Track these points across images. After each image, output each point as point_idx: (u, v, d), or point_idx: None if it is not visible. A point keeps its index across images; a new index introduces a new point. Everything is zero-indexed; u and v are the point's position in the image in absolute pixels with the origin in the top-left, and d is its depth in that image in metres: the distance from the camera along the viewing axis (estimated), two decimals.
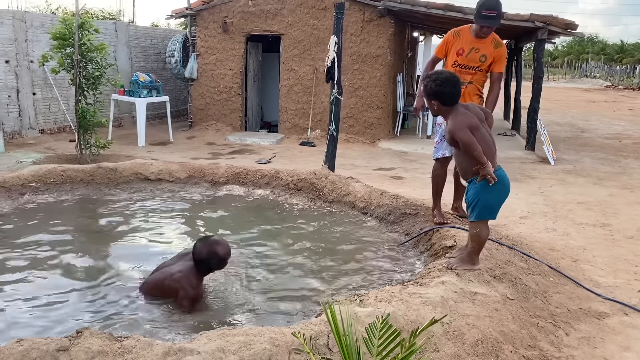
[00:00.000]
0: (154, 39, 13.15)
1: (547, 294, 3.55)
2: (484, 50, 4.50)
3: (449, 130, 3.39)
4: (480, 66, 4.56)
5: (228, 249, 3.46)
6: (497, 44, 4.53)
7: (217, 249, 3.37)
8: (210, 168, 6.65)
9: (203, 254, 3.35)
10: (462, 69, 4.56)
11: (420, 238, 4.51)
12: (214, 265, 3.42)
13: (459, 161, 3.55)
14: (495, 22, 4.31)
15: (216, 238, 3.51)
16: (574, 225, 5.54)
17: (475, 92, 4.72)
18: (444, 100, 3.43)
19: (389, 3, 9.91)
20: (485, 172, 3.31)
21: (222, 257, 3.39)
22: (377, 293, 3.02)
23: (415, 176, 7.91)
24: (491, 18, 4.28)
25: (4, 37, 8.90)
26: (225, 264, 3.49)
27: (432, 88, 3.43)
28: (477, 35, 4.45)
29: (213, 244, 3.39)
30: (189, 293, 3.29)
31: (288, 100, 11.10)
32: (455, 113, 3.43)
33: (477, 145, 3.29)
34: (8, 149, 8.44)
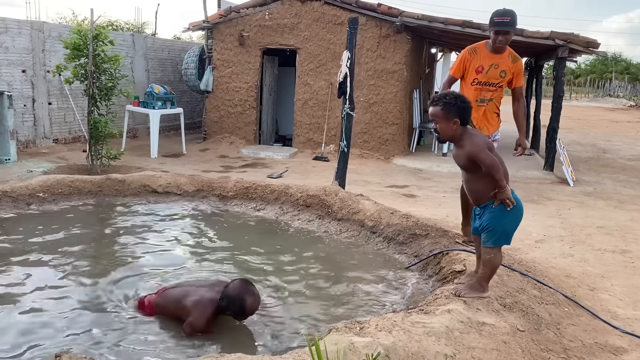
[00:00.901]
0: (171, 51, 13.23)
1: (560, 325, 3.35)
2: (503, 66, 4.40)
3: (469, 152, 3.18)
4: (501, 82, 4.46)
5: (257, 305, 3.20)
6: (514, 58, 4.43)
7: (246, 298, 3.11)
8: (219, 182, 6.56)
9: (231, 293, 3.13)
10: (483, 87, 4.46)
11: (429, 261, 4.34)
12: (233, 310, 3.15)
13: (474, 187, 3.33)
14: (508, 27, 4.21)
15: (253, 288, 3.23)
16: (592, 250, 5.31)
17: (494, 109, 4.62)
18: (465, 119, 3.25)
19: (406, 19, 9.80)
20: (504, 196, 3.14)
21: (246, 308, 3.12)
22: (378, 321, 2.86)
23: (429, 195, 7.72)
24: (504, 24, 4.20)
25: (22, 47, 8.99)
26: (245, 318, 3.23)
27: (457, 105, 3.19)
28: (494, 50, 4.35)
29: (246, 291, 3.14)
30: (198, 324, 3.13)
31: (303, 114, 11.02)
32: (469, 133, 3.26)
33: (500, 168, 3.13)
34: (21, 157, 8.46)
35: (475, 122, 4.45)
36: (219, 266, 4.33)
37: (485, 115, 4.55)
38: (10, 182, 6.48)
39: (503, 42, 4.27)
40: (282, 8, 10.74)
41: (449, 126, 3.21)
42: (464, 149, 3.22)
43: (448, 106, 3.20)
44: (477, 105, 4.46)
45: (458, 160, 3.33)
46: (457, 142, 3.27)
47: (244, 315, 3.20)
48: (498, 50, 4.36)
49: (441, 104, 3.23)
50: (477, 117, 4.49)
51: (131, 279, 3.93)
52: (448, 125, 3.20)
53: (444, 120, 3.21)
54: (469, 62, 4.46)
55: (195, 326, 3.12)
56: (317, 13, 10.51)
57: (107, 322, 3.26)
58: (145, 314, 3.37)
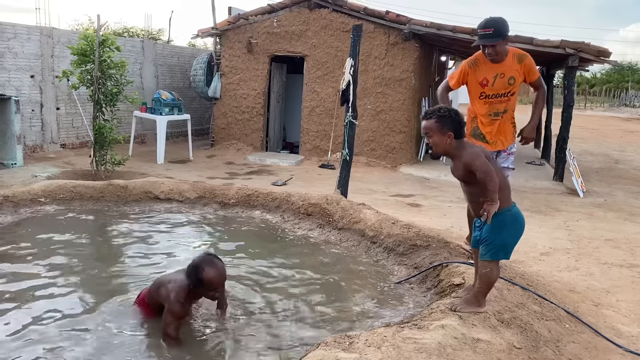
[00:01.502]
0: (181, 57, 13.28)
1: (560, 343, 3.23)
2: (509, 72, 4.14)
3: (465, 162, 3.09)
4: (512, 90, 4.21)
5: (216, 276, 3.09)
6: (520, 58, 4.15)
7: (204, 267, 3.05)
8: (221, 189, 6.52)
9: (191, 263, 3.11)
10: (493, 99, 4.21)
11: (429, 273, 4.24)
12: (192, 280, 3.06)
13: (474, 199, 3.23)
14: (490, 40, 3.95)
15: (216, 260, 3.17)
16: (599, 264, 5.17)
17: (510, 120, 4.38)
18: (459, 132, 3.16)
19: (414, 27, 9.74)
20: (490, 209, 3.04)
21: (204, 277, 3.03)
22: (368, 336, 2.77)
23: (434, 204, 7.62)
24: (487, 36, 3.97)
25: (31, 53, 9.06)
26: (214, 292, 3.16)
27: (451, 117, 3.10)
28: (495, 61, 4.12)
29: (205, 261, 3.10)
30: (174, 307, 3.05)
31: (310, 121, 10.98)
32: (466, 145, 3.17)
33: (495, 178, 3.03)
34: (27, 162, 8.51)
35: (489, 136, 4.28)
36: None
37: (500, 128, 4.30)
38: (14, 186, 6.49)
39: (492, 55, 4.04)
40: (290, 15, 10.73)
41: (442, 140, 3.12)
42: (460, 160, 3.13)
43: (442, 119, 3.11)
44: (490, 120, 4.25)
45: (456, 173, 3.23)
46: (453, 155, 3.17)
47: (204, 287, 3.08)
48: (497, 61, 4.12)
49: (435, 117, 3.14)
50: (491, 131, 4.28)
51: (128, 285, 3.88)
52: (442, 138, 3.12)
53: (437, 134, 3.12)
54: (469, 76, 4.24)
55: (172, 311, 3.06)
56: (325, 20, 10.49)
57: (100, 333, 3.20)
58: (144, 312, 3.33)
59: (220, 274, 3.14)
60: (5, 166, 8.06)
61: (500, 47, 4.01)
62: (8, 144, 8.09)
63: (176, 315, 3.08)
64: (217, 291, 3.18)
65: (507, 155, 4.41)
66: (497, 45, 3.97)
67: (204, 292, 3.15)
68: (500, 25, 3.96)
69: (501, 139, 4.34)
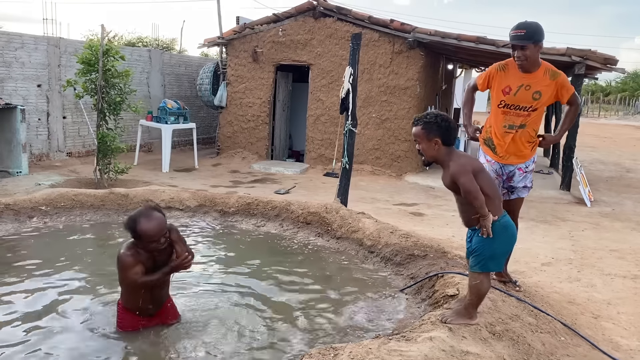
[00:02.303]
0: (188, 66, 13.36)
1: (553, 356, 3.15)
2: (536, 86, 3.75)
3: (452, 172, 3.04)
4: (535, 105, 3.79)
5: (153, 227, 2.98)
6: (553, 75, 3.78)
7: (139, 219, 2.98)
8: (221, 197, 6.51)
9: (126, 221, 3.06)
10: (511, 110, 3.84)
11: (424, 283, 4.18)
12: (128, 230, 3.01)
13: (464, 208, 3.17)
14: (523, 40, 3.62)
15: (149, 210, 3.09)
16: (602, 275, 5.06)
17: (528, 138, 3.91)
18: (448, 139, 3.09)
19: (418, 35, 9.71)
20: (483, 224, 2.99)
21: (137, 227, 2.97)
22: (352, 348, 2.72)
23: (438, 213, 7.54)
24: (518, 37, 3.64)
25: (38, 62, 9.17)
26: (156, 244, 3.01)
27: (437, 123, 3.03)
28: (523, 68, 3.76)
29: (141, 213, 3.04)
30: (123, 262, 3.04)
31: (315, 130, 10.97)
32: (456, 154, 3.10)
33: (480, 195, 2.95)
34: (33, 170, 8.57)
35: (499, 149, 3.93)
36: (205, 279, 4.26)
37: (514, 143, 3.89)
38: (16, 195, 6.54)
39: (522, 59, 3.69)
40: (295, 24, 10.76)
41: (430, 146, 3.06)
42: (449, 170, 3.08)
43: (428, 125, 3.05)
44: (504, 132, 3.89)
45: (444, 181, 3.18)
46: (443, 163, 3.11)
47: (142, 240, 3.00)
48: (527, 68, 3.75)
49: (421, 123, 3.09)
50: (503, 144, 3.90)
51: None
52: (429, 145, 3.06)
53: (425, 140, 3.06)
54: (494, 80, 3.90)
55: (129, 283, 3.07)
56: (330, 29, 10.50)
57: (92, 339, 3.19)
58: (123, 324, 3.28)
59: (156, 225, 3.01)
60: (11, 174, 8.14)
61: (531, 52, 3.66)
62: (14, 153, 8.17)
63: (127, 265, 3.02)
64: (159, 243, 3.04)
65: (524, 174, 4.00)
66: (527, 48, 3.64)
67: (146, 246, 3.04)
68: (534, 29, 3.66)
69: (514, 154, 3.93)
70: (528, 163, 3.98)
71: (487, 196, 3.01)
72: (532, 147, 3.95)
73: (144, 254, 3.09)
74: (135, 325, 3.25)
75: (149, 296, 3.20)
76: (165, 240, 3.08)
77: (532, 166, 4.04)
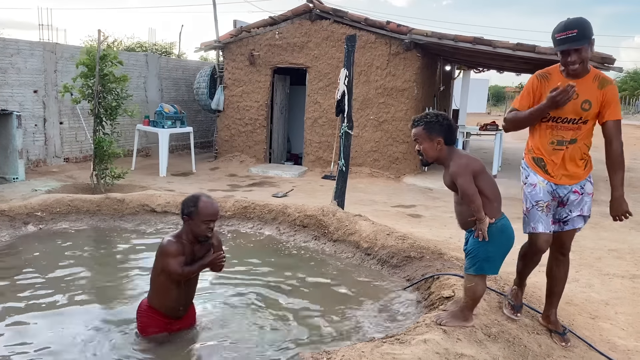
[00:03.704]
0: (185, 70, 13.36)
1: (550, 357, 3.12)
2: (586, 94, 3.16)
3: (452, 172, 3.01)
4: (585, 117, 3.20)
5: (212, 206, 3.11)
6: (602, 83, 3.17)
7: (200, 198, 3.11)
8: (217, 201, 6.47)
9: (186, 199, 3.17)
10: (559, 124, 3.25)
11: (420, 285, 4.15)
12: (187, 209, 3.10)
13: (461, 209, 3.13)
14: (575, 43, 3.04)
15: (206, 194, 3.23)
16: (600, 275, 5.03)
17: (580, 155, 3.30)
18: (450, 138, 3.06)
19: (415, 36, 9.70)
20: (481, 227, 2.96)
21: (201, 208, 3.05)
22: (346, 351, 2.70)
23: (435, 215, 7.51)
24: (570, 39, 3.05)
25: (34, 68, 9.16)
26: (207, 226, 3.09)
27: (439, 122, 3.01)
28: (570, 73, 3.17)
29: (198, 194, 3.19)
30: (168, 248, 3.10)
31: (312, 132, 10.95)
32: (458, 154, 3.07)
33: (477, 198, 2.92)
34: (30, 176, 8.55)
35: (549, 168, 3.31)
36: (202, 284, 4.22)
37: (564, 162, 3.28)
38: (12, 201, 6.52)
39: (576, 63, 3.09)
40: (291, 27, 10.75)
41: (432, 146, 3.03)
42: (449, 169, 3.06)
43: (430, 125, 3.03)
44: (552, 149, 3.28)
45: (445, 181, 3.16)
46: (444, 163, 3.09)
47: (197, 218, 3.07)
48: (576, 74, 3.16)
49: (422, 123, 3.07)
50: (553, 163, 3.30)
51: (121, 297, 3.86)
52: (431, 145, 3.03)
53: (426, 141, 3.04)
54: (539, 92, 3.28)
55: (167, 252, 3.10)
56: (327, 32, 10.49)
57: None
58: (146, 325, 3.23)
59: (215, 206, 3.16)
60: (8, 181, 8.11)
61: (587, 53, 3.11)
62: (10, 159, 8.15)
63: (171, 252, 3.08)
64: (209, 226, 3.12)
65: (580, 197, 3.34)
66: (582, 50, 3.07)
67: (196, 225, 3.09)
68: (585, 26, 3.08)
69: (564, 174, 3.31)
70: (583, 183, 3.34)
71: (487, 198, 2.98)
72: (586, 164, 3.35)
73: (188, 247, 3.15)
74: (160, 327, 3.21)
75: (182, 294, 3.21)
76: (212, 229, 3.15)
77: (589, 187, 3.38)
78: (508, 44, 9.21)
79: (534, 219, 3.29)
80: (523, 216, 3.36)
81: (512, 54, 9.23)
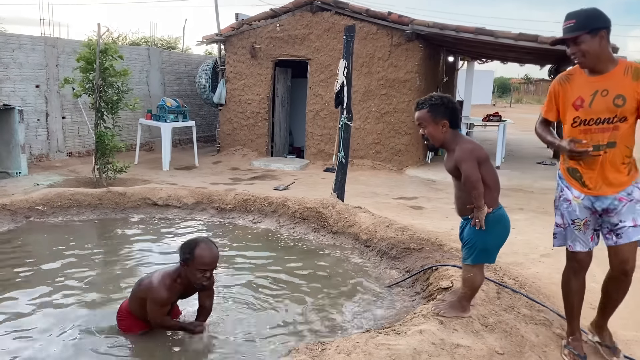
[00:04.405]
0: (188, 64, 13.34)
1: (548, 348, 3.10)
2: (617, 89, 2.80)
3: (456, 157, 2.96)
4: (621, 114, 2.81)
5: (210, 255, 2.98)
6: (637, 74, 2.78)
7: (199, 244, 2.98)
8: (218, 194, 6.49)
9: (184, 244, 3.05)
10: (591, 127, 2.87)
11: (419, 277, 4.14)
12: (183, 254, 2.99)
13: (461, 195, 3.11)
14: (572, 31, 2.79)
15: (209, 241, 3.08)
16: (601, 265, 4.97)
17: (622, 159, 2.88)
18: (455, 121, 3.01)
19: (417, 27, 9.63)
20: (479, 215, 2.93)
21: (199, 255, 2.93)
22: (340, 342, 2.69)
23: (437, 206, 7.49)
24: (567, 30, 2.82)
25: (36, 63, 9.17)
26: (202, 274, 2.97)
27: (444, 104, 2.97)
28: (594, 70, 2.85)
29: (199, 240, 3.05)
30: (157, 293, 3.00)
31: (314, 125, 10.92)
32: (463, 139, 3.04)
33: (480, 185, 2.88)
34: (33, 171, 8.58)
35: (586, 178, 2.95)
36: None
37: (604, 170, 2.89)
38: (14, 195, 6.55)
39: (578, 55, 2.81)
40: (292, 19, 10.70)
41: (437, 129, 2.99)
42: (453, 154, 3.01)
43: (435, 107, 2.98)
44: (589, 157, 2.89)
45: (447, 165, 3.08)
46: (448, 147, 3.04)
47: (193, 264, 2.96)
48: (594, 67, 2.85)
49: (427, 106, 3.00)
50: (592, 173, 2.93)
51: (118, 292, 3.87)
52: (437, 128, 2.99)
53: (432, 124, 2.98)
54: (561, 97, 3.00)
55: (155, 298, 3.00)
56: (328, 23, 10.44)
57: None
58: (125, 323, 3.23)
59: (213, 254, 3.02)
60: (10, 175, 8.14)
61: (589, 45, 2.77)
62: (12, 154, 8.17)
63: (159, 301, 3.00)
64: (205, 275, 3.00)
65: (628, 203, 2.89)
66: (580, 41, 2.77)
67: (192, 272, 2.98)
68: (587, 15, 2.81)
69: (603, 183, 2.92)
70: (630, 189, 2.89)
71: (488, 187, 2.95)
72: (630, 169, 2.91)
73: (179, 288, 3.06)
74: (144, 327, 3.20)
75: None
76: (209, 278, 3.05)
77: (638, 193, 2.89)
78: (510, 34, 9.13)
79: (571, 237, 3.10)
80: (557, 229, 3.14)
81: (514, 44, 9.16)
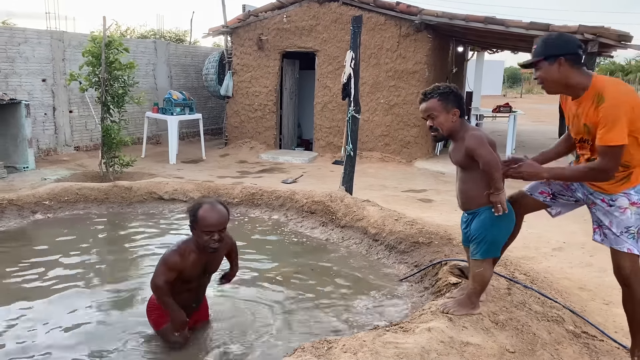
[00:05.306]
0: (194, 57, 13.28)
1: (560, 345, 3.02)
2: (583, 117, 2.78)
3: (467, 145, 2.87)
4: (592, 138, 2.78)
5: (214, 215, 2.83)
6: (598, 100, 2.66)
7: (203, 206, 2.86)
8: (225, 188, 6.44)
9: (190, 206, 2.94)
10: (580, 144, 2.92)
11: (427, 272, 4.06)
12: (190, 218, 2.87)
13: (466, 187, 3.03)
14: (533, 56, 2.81)
15: (215, 201, 2.96)
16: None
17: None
18: (464, 110, 2.96)
19: (425, 17, 9.49)
20: (498, 199, 2.85)
21: (201, 218, 2.81)
22: (346, 341, 2.63)
23: (446, 199, 7.39)
24: (532, 54, 2.86)
25: (42, 57, 9.14)
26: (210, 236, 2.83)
27: (454, 93, 2.91)
28: (547, 91, 2.90)
29: (202, 201, 2.93)
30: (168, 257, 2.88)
31: (322, 117, 10.83)
32: (470, 127, 2.99)
33: (500, 166, 2.84)
34: (40, 165, 8.58)
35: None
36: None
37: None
38: (21, 190, 6.54)
39: (539, 81, 2.83)
40: (300, 10, 10.59)
41: (448, 118, 2.91)
42: (463, 142, 2.92)
43: (445, 96, 2.91)
44: None
45: (455, 156, 3.01)
46: (456, 136, 2.97)
47: (199, 227, 2.84)
48: (568, 94, 2.87)
49: (436, 95, 2.92)
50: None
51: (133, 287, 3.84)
52: (447, 117, 2.91)
53: (442, 113, 2.91)
54: (566, 107, 2.99)
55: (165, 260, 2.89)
56: (335, 14, 10.31)
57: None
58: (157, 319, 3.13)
59: (217, 215, 2.86)
60: (18, 170, 8.15)
61: (546, 72, 2.76)
62: (20, 148, 8.17)
63: (168, 263, 2.87)
64: (213, 237, 2.85)
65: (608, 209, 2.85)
66: (539, 67, 2.79)
67: (199, 236, 2.86)
68: (548, 42, 2.78)
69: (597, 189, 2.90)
70: (615, 197, 2.81)
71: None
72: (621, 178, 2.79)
73: (194, 257, 2.92)
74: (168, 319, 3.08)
75: (192, 295, 3.09)
76: (219, 240, 2.89)
77: (623, 202, 2.79)
78: (521, 23, 8.96)
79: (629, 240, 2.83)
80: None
81: (525, 34, 8.99)
